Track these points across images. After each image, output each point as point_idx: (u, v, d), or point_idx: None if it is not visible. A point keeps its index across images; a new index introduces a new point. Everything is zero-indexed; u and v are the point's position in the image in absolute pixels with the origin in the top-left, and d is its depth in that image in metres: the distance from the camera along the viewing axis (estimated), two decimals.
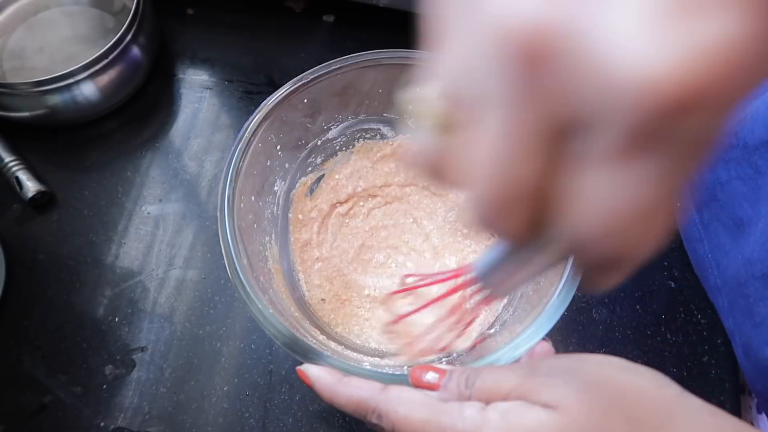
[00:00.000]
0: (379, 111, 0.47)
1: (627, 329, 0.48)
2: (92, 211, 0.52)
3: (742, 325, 0.43)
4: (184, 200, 0.52)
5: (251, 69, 0.59)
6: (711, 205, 0.46)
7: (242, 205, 0.38)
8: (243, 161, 0.38)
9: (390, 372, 0.33)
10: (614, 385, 0.24)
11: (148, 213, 0.52)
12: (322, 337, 0.41)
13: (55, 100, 0.50)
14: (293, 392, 0.45)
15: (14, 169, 0.50)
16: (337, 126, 0.47)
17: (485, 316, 0.43)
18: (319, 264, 0.47)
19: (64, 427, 0.43)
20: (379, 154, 0.50)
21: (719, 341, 0.48)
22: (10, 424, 0.43)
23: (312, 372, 0.31)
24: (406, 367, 0.38)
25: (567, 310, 0.49)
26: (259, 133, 0.40)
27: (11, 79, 0.54)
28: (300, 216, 0.48)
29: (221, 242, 0.35)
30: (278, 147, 0.43)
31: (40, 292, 0.48)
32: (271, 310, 0.33)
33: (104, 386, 0.45)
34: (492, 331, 0.41)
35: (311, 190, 0.49)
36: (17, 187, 0.50)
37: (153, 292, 0.48)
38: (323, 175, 0.49)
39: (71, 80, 0.50)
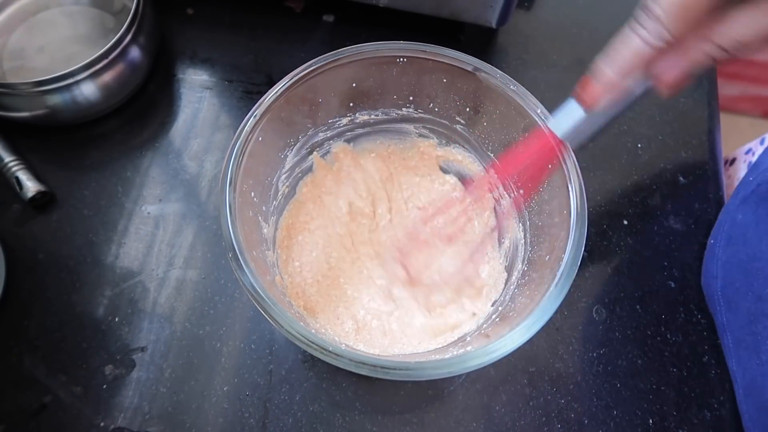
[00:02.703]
0: (388, 106, 0.47)
1: (627, 329, 0.48)
2: (92, 211, 0.52)
3: (747, 364, 0.43)
4: (184, 200, 0.52)
5: (251, 69, 0.59)
6: (735, 241, 0.46)
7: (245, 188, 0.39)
8: (243, 156, 0.38)
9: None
10: None
11: (148, 213, 0.52)
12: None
13: (55, 100, 0.50)
14: (293, 392, 0.45)
15: (14, 169, 0.50)
16: (340, 120, 0.47)
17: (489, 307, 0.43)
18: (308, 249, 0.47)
19: (64, 427, 0.43)
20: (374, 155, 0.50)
21: (719, 341, 0.48)
22: (10, 424, 0.43)
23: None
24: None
25: (567, 310, 0.49)
26: (258, 128, 0.40)
27: (11, 79, 0.54)
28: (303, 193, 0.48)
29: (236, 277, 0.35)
30: (277, 142, 0.43)
31: (40, 292, 0.48)
32: (301, 324, 0.34)
33: (104, 386, 0.45)
34: (497, 318, 0.41)
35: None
36: (17, 187, 0.50)
37: (153, 292, 0.48)
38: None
39: (71, 80, 0.49)
